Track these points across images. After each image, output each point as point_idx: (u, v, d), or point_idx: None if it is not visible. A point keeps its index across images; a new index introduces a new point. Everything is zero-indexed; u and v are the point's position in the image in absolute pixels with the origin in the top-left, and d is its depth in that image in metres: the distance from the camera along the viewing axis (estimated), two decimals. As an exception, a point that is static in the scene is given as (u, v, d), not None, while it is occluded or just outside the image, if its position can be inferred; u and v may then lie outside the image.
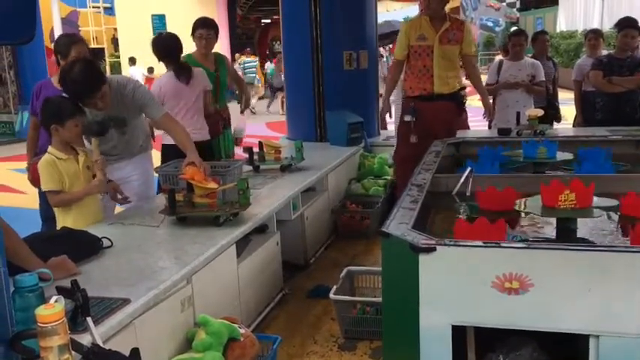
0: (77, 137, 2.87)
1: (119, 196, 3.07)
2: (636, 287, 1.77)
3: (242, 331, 2.31)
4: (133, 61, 15.33)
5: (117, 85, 3.15)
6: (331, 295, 2.99)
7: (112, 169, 3.21)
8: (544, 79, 5.54)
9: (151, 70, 14.39)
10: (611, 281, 1.78)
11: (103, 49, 17.98)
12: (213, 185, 2.88)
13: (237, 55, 17.35)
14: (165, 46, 3.97)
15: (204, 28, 4.23)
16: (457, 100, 4.59)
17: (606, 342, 1.80)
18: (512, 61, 5.60)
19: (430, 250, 1.92)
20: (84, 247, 2.42)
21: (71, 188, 2.82)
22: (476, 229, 2.03)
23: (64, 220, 2.84)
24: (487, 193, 2.52)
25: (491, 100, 5.63)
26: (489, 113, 4.91)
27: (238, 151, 4.95)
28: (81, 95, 2.91)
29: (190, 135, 3.28)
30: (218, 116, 4.34)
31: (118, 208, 3.40)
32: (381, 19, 12.27)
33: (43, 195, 3.13)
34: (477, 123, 6.06)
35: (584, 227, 2.36)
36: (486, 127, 5.49)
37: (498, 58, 5.69)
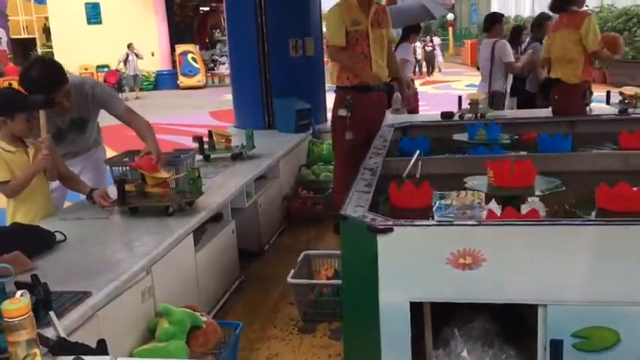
0: (27, 132, 2.74)
1: (104, 202, 2.92)
2: (579, 257, 1.89)
3: (204, 318, 2.32)
4: None
5: (74, 85, 3.00)
6: (289, 279, 3.04)
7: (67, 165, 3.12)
8: None
9: None
10: (556, 253, 1.90)
11: (34, 39, 17.28)
12: (163, 175, 2.86)
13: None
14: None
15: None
16: (389, 91, 4.27)
17: (553, 310, 1.93)
18: None
19: (388, 230, 1.98)
20: (36, 241, 2.37)
21: None
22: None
23: (13, 214, 2.75)
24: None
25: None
26: (408, 102, 4.61)
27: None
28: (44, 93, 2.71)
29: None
30: None
31: (67, 203, 3.32)
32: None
33: None
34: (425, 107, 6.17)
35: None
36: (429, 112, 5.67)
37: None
